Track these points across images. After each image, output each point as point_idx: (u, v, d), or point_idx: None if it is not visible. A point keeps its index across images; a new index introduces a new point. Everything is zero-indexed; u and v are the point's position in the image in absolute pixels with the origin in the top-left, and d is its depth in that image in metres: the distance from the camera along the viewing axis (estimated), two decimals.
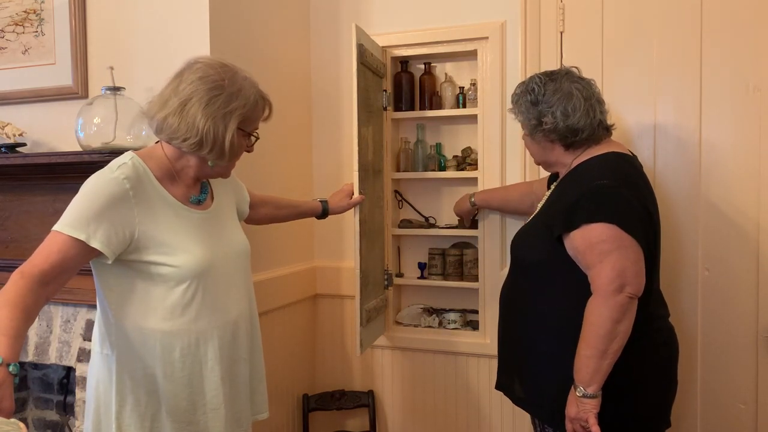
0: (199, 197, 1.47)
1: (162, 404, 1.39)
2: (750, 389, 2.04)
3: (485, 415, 2.40)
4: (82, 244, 1.27)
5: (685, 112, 2.08)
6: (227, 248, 1.49)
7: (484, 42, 2.33)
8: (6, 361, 1.10)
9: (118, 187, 1.31)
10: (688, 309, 2.07)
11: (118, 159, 1.38)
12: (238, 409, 1.51)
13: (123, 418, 1.37)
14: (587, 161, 1.65)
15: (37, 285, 1.22)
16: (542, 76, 1.70)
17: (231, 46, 2.07)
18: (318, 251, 2.63)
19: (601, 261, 1.46)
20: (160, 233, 1.36)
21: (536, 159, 1.79)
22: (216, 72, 1.38)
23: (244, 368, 1.52)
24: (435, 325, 2.49)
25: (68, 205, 1.31)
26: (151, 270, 1.36)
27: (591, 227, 1.48)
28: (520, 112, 1.72)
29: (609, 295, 1.45)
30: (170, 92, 1.38)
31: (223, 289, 1.46)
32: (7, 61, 2.28)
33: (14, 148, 2.12)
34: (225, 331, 1.45)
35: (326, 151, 2.60)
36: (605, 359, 1.45)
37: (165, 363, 1.38)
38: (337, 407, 2.51)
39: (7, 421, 1.07)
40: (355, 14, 2.50)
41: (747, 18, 2.00)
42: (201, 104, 1.35)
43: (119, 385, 1.38)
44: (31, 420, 2.49)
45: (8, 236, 2.24)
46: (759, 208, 2.01)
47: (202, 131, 1.34)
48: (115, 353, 1.38)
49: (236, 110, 1.38)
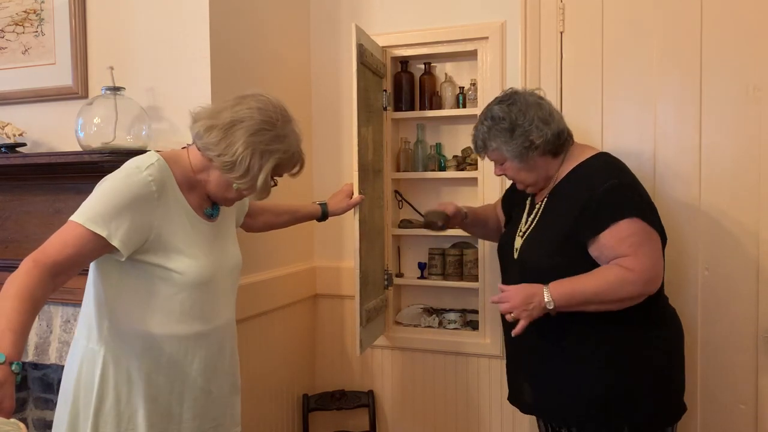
0: (212, 211, 1.49)
1: (140, 407, 1.38)
2: (750, 389, 2.04)
3: (485, 415, 2.40)
4: (102, 240, 1.26)
5: (685, 113, 2.07)
6: (226, 261, 1.51)
7: (484, 42, 2.33)
8: (9, 359, 1.07)
9: (146, 189, 1.31)
10: (688, 309, 2.07)
11: (144, 158, 1.37)
12: (213, 423, 1.50)
13: (101, 414, 1.36)
14: (583, 164, 1.66)
15: (48, 275, 1.20)
16: (499, 104, 1.65)
17: (231, 46, 2.07)
18: (318, 251, 2.63)
19: (635, 252, 1.51)
20: (173, 239, 1.36)
21: (529, 182, 1.70)
22: (274, 111, 1.41)
23: (224, 380, 1.52)
24: (435, 325, 2.49)
25: (89, 197, 1.30)
26: (156, 273, 1.36)
27: (618, 225, 1.51)
28: (499, 147, 1.65)
29: (641, 282, 1.51)
30: (226, 107, 1.39)
31: (217, 299, 1.47)
32: (7, 61, 2.27)
33: (14, 148, 2.12)
34: (212, 341, 1.46)
35: (326, 151, 2.60)
36: (584, 305, 1.51)
37: (150, 366, 1.38)
38: (337, 407, 2.51)
39: (6, 421, 1.07)
40: (355, 14, 2.50)
41: (747, 18, 1.99)
42: (248, 131, 1.35)
43: (102, 381, 1.36)
44: (31, 420, 2.49)
45: (8, 236, 2.24)
46: (759, 208, 2.00)
47: (239, 156, 1.35)
48: (102, 349, 1.36)
49: (276, 152, 1.39)
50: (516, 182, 1.74)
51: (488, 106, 1.70)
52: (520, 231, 1.73)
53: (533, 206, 1.75)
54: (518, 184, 1.74)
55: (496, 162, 1.72)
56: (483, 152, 1.71)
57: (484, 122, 1.67)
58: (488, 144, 1.67)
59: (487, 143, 1.67)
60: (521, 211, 1.79)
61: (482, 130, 1.67)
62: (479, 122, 1.69)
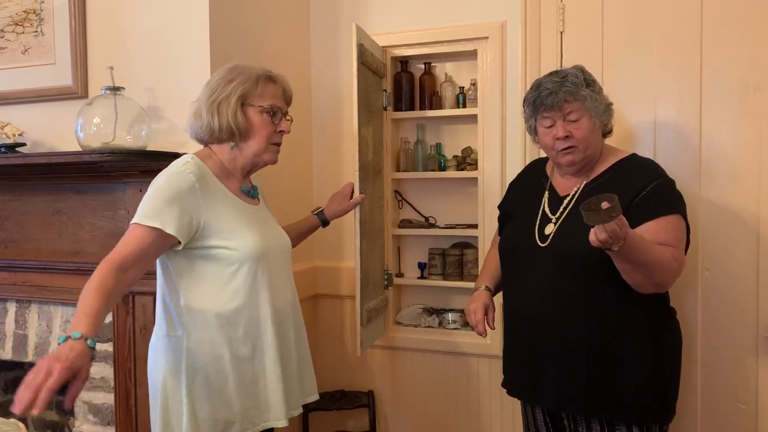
0: (251, 190, 1.64)
1: (229, 379, 1.51)
2: (750, 389, 2.04)
3: (485, 415, 2.40)
4: (158, 232, 1.40)
5: (685, 112, 2.08)
6: (276, 240, 1.64)
7: (484, 42, 2.33)
8: (85, 336, 1.21)
9: (186, 180, 1.46)
10: (688, 309, 2.07)
11: (180, 159, 1.53)
12: (289, 387, 1.61)
13: (194, 392, 1.49)
14: (629, 159, 1.67)
15: (117, 270, 1.35)
16: (574, 68, 1.65)
17: (231, 46, 2.07)
18: (318, 251, 2.63)
19: (678, 246, 1.55)
20: (221, 221, 1.49)
21: (588, 150, 1.62)
22: (218, 74, 1.58)
23: (293, 352, 1.64)
24: (435, 325, 2.49)
25: (141, 202, 1.45)
26: (213, 254, 1.49)
27: (666, 219, 1.54)
28: (586, 98, 1.60)
29: (675, 276, 1.54)
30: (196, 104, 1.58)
31: (275, 276, 1.59)
32: (6, 61, 2.27)
33: (14, 148, 2.12)
34: (277, 315, 1.57)
35: (326, 151, 2.60)
36: (635, 263, 1.45)
37: (231, 340, 1.50)
38: (337, 407, 2.50)
39: (6, 421, 1.08)
40: (355, 14, 2.50)
41: (747, 18, 2.00)
42: (206, 99, 1.54)
43: (189, 362, 1.49)
44: (31, 420, 2.49)
45: (8, 236, 2.24)
46: (759, 208, 2.01)
47: (218, 122, 1.52)
48: (184, 333, 1.50)
49: (235, 90, 1.53)
50: (574, 145, 1.61)
51: (557, 71, 1.66)
52: (552, 219, 1.66)
53: (559, 198, 1.69)
54: (571, 153, 1.62)
55: (567, 116, 1.61)
56: (566, 100, 1.60)
57: (569, 75, 1.62)
58: (579, 92, 1.60)
59: (577, 91, 1.60)
60: (534, 204, 1.73)
61: (571, 80, 1.61)
62: (559, 76, 1.63)
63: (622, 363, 1.56)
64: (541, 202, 1.72)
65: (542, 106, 1.63)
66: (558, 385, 1.62)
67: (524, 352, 1.71)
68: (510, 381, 1.79)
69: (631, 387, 1.56)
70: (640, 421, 1.57)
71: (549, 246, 1.63)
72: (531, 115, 1.69)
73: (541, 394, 1.68)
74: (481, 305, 1.80)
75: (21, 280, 2.23)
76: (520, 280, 1.70)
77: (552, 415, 1.73)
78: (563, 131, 1.61)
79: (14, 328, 2.29)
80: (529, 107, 1.69)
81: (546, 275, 1.62)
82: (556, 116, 1.62)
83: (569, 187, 1.69)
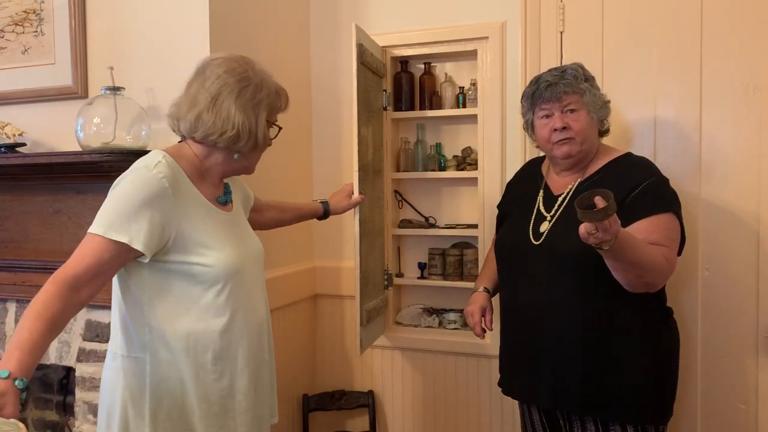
0: (225, 198, 1.47)
1: (196, 408, 1.36)
2: (750, 389, 2.04)
3: (485, 415, 2.40)
4: (123, 246, 1.24)
5: (685, 112, 2.08)
6: (250, 249, 1.49)
7: (484, 42, 2.33)
8: (13, 376, 1.06)
9: (158, 186, 1.28)
10: (687, 309, 2.07)
11: (151, 157, 1.34)
12: (260, 413, 1.49)
13: (158, 422, 1.33)
14: (624, 157, 1.67)
15: (68, 289, 1.19)
16: (573, 64, 1.67)
17: (231, 46, 2.06)
18: (318, 251, 2.63)
19: (671, 246, 1.55)
20: (194, 233, 1.33)
21: (584, 144, 1.63)
22: (239, 65, 1.40)
23: (266, 372, 1.52)
24: (435, 325, 2.49)
25: (103, 205, 1.27)
26: (185, 270, 1.33)
27: (659, 217, 1.54)
28: (585, 92, 1.62)
29: (666, 275, 1.55)
30: (197, 89, 1.38)
31: (251, 290, 1.45)
32: (6, 61, 2.27)
33: (14, 148, 2.12)
34: (254, 333, 1.44)
35: (326, 151, 2.60)
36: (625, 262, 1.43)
37: (198, 365, 1.35)
38: (337, 407, 2.51)
39: (6, 421, 1.07)
40: (355, 14, 2.50)
41: (747, 18, 1.99)
42: (232, 96, 1.35)
43: (153, 388, 1.33)
44: (30, 420, 2.49)
45: (7, 236, 2.24)
46: (759, 208, 2.00)
47: (239, 123, 1.35)
48: (148, 355, 1.33)
49: (264, 100, 1.40)
50: (571, 137, 1.61)
51: (556, 67, 1.69)
52: (546, 218, 1.67)
53: (553, 196, 1.69)
54: (567, 144, 1.62)
55: (565, 108, 1.62)
56: (565, 92, 1.61)
57: (568, 69, 1.64)
58: (577, 85, 1.62)
59: (576, 84, 1.62)
60: (529, 203, 1.74)
61: (571, 73, 1.62)
62: (559, 70, 1.66)
63: (617, 362, 1.56)
64: (536, 201, 1.73)
65: (541, 98, 1.64)
66: (552, 384, 1.62)
67: (519, 350, 1.71)
68: (505, 380, 1.79)
69: (626, 386, 1.55)
70: (635, 421, 1.57)
71: (543, 244, 1.63)
72: (529, 109, 1.71)
73: (536, 393, 1.68)
74: (479, 307, 1.81)
75: (21, 280, 2.23)
76: (516, 279, 1.71)
77: (548, 415, 1.73)
78: (561, 122, 1.62)
79: (14, 328, 2.29)
80: (527, 101, 1.70)
81: (541, 273, 1.63)
82: (554, 108, 1.63)
83: (564, 185, 1.70)
